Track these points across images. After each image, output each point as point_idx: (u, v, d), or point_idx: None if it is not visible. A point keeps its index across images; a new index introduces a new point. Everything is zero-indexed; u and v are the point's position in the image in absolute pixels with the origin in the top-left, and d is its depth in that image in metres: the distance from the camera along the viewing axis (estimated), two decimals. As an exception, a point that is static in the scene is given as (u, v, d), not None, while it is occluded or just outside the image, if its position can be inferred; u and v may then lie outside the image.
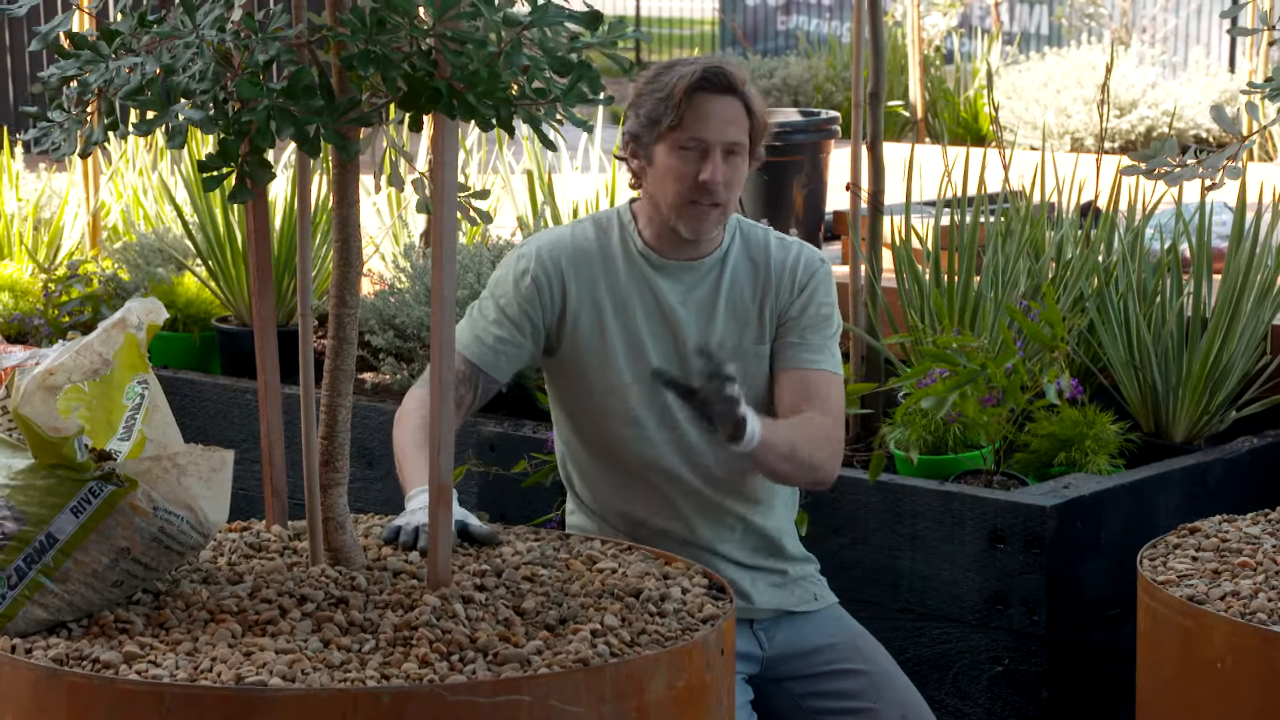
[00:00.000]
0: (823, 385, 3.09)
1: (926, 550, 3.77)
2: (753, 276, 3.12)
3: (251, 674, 2.23)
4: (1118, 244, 4.42)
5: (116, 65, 2.36)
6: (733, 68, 3.05)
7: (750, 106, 3.04)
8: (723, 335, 3.10)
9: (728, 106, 3.02)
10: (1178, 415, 4.20)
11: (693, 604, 2.55)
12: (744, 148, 3.05)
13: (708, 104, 3.01)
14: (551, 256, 3.10)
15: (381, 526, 2.82)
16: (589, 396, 3.11)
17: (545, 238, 3.15)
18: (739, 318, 3.11)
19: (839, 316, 3.16)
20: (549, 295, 3.09)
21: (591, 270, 3.10)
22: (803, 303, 3.11)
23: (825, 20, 17.84)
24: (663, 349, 3.10)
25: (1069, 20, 13.15)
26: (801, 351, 3.10)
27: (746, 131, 3.04)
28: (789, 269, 3.12)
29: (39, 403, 2.34)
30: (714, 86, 3.01)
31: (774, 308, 3.11)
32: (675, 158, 3.03)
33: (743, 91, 3.04)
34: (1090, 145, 9.72)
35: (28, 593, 2.36)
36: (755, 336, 3.11)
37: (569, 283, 3.10)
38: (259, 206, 2.68)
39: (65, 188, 6.29)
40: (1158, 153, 2.77)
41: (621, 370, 3.08)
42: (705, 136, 3.01)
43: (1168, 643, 2.76)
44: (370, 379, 4.83)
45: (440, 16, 2.27)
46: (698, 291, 3.11)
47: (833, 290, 3.15)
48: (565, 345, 3.11)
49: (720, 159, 3.02)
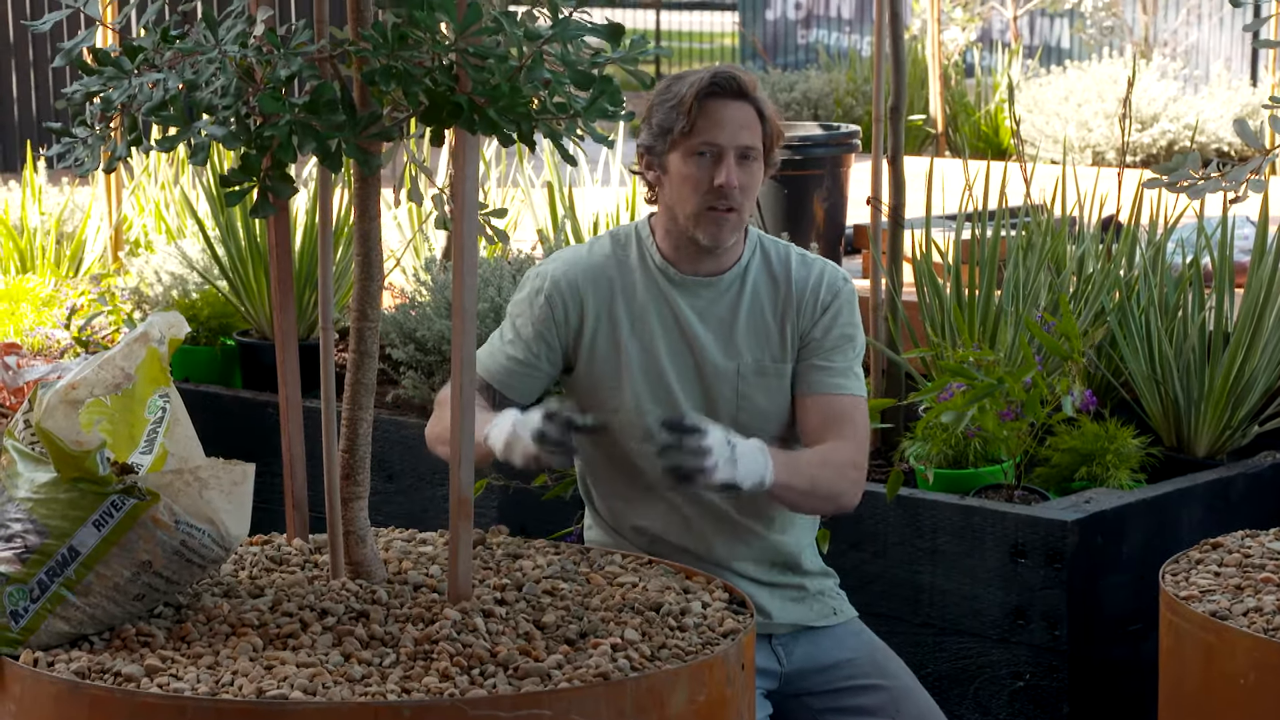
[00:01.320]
0: (847, 410, 3.06)
1: (947, 565, 3.77)
2: (774, 293, 3.11)
3: (273, 687, 2.23)
4: (1139, 258, 4.41)
5: (139, 81, 2.37)
6: (743, 73, 3.04)
7: (762, 111, 3.03)
8: (742, 352, 3.09)
9: (739, 111, 3.02)
10: (1200, 430, 4.18)
11: (713, 618, 2.54)
12: (758, 153, 3.04)
13: (719, 109, 3.01)
14: (567, 276, 3.10)
15: (403, 541, 2.82)
16: (606, 412, 3.10)
17: (561, 257, 3.15)
18: (759, 335, 3.10)
19: (863, 336, 3.13)
20: (564, 315, 3.09)
21: (609, 287, 3.10)
22: (826, 324, 3.09)
23: (845, 34, 17.85)
24: (680, 366, 3.09)
25: (1090, 34, 13.13)
26: (826, 376, 3.07)
27: (760, 137, 3.03)
28: (811, 288, 3.10)
29: (61, 417, 2.35)
30: (724, 91, 3.01)
31: (796, 326, 3.09)
32: (690, 164, 3.02)
33: (754, 96, 3.03)
34: (1112, 159, 9.71)
35: (50, 606, 2.37)
36: (776, 355, 3.10)
37: (586, 301, 3.09)
38: (280, 221, 2.69)
39: (88, 202, 6.32)
40: (1180, 166, 2.76)
41: (638, 388, 3.08)
42: (718, 141, 3.00)
43: (1190, 658, 2.75)
44: (391, 392, 4.83)
45: (462, 32, 2.27)
46: (717, 308, 3.10)
47: (856, 310, 3.13)
48: (582, 362, 3.10)
49: (734, 163, 3.01)
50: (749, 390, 3.07)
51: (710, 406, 3.08)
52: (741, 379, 3.07)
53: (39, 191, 6.30)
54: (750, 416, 3.08)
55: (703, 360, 3.08)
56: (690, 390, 3.08)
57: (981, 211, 4.50)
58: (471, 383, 2.47)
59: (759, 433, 3.08)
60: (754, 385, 3.07)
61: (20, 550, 2.37)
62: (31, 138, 9.16)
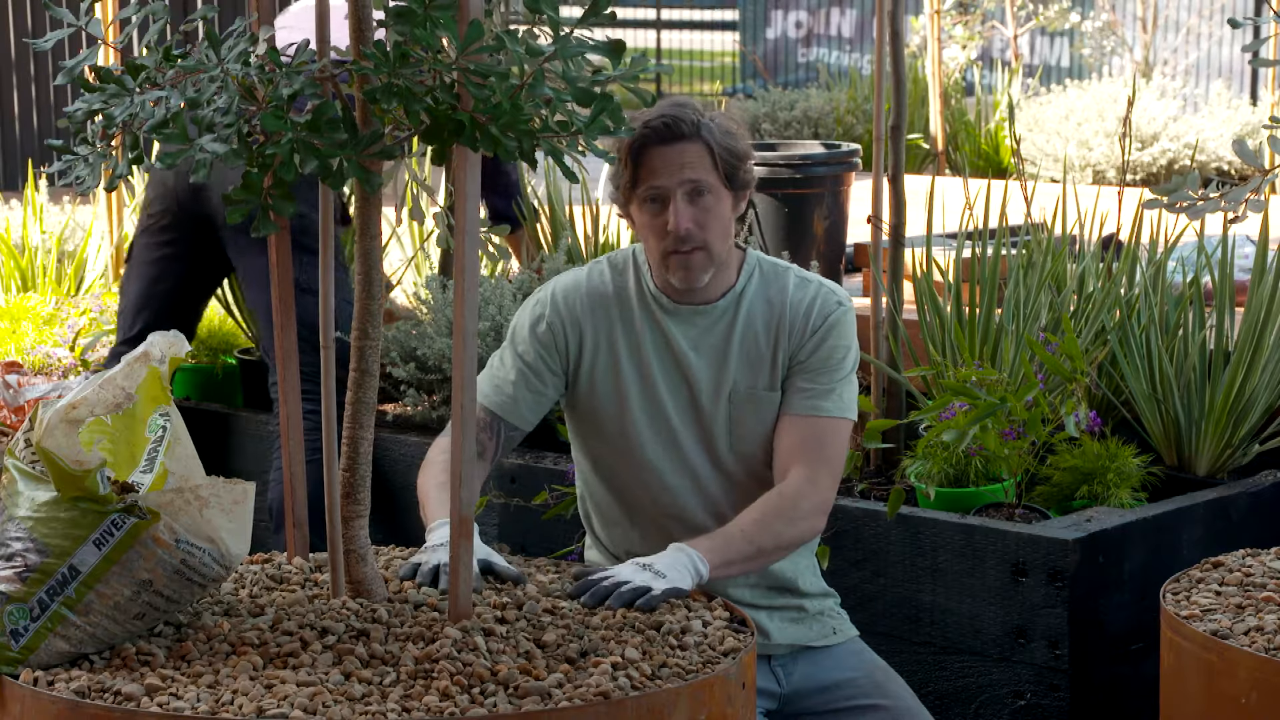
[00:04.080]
0: (822, 434, 3.03)
1: (948, 584, 3.76)
2: (768, 318, 3.08)
3: (273, 706, 2.23)
4: (1140, 277, 4.41)
5: (141, 99, 2.37)
6: (682, 112, 2.98)
7: (710, 142, 2.98)
8: (735, 379, 3.07)
9: (679, 152, 2.97)
10: (1200, 449, 4.18)
11: (714, 637, 2.54)
12: (710, 184, 2.98)
13: (656, 155, 2.98)
14: (567, 301, 3.10)
15: (403, 559, 2.82)
16: (605, 440, 3.10)
17: (561, 282, 3.14)
18: (752, 362, 3.07)
19: (856, 356, 3.09)
20: (564, 340, 3.09)
21: (608, 313, 3.10)
22: (813, 345, 3.06)
23: (846, 52, 17.88)
24: (675, 394, 3.08)
25: (1090, 53, 13.16)
26: (806, 397, 3.05)
27: (710, 168, 2.98)
28: (804, 311, 3.07)
29: (61, 436, 2.35)
30: (659, 138, 2.98)
31: (787, 350, 3.07)
32: (644, 213, 3.01)
33: (696, 135, 2.98)
34: (1112, 178, 9.71)
35: (50, 625, 2.37)
36: (767, 382, 3.07)
37: (584, 326, 3.09)
38: (281, 239, 2.69)
39: (89, 220, 6.32)
40: (1180, 186, 2.76)
41: (636, 415, 3.07)
42: (660, 183, 2.98)
43: (1191, 678, 2.74)
44: (392, 411, 4.83)
45: (464, 50, 2.28)
46: (710, 336, 3.08)
47: (849, 332, 3.09)
48: (582, 388, 3.10)
49: (684, 203, 2.97)
50: (742, 416, 3.07)
51: (705, 433, 3.08)
52: (734, 405, 3.07)
53: (40, 210, 6.30)
54: (744, 443, 3.07)
55: (696, 388, 3.07)
56: (685, 418, 3.07)
57: (982, 230, 4.50)
58: (472, 400, 2.47)
59: (754, 459, 3.07)
60: (747, 411, 3.07)
61: (20, 569, 2.37)
62: (33, 156, 9.17)
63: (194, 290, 4.78)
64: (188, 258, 4.67)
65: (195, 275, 4.73)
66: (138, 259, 4.72)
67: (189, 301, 4.78)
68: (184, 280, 4.71)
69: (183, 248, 4.66)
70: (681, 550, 2.80)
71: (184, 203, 4.59)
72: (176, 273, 4.69)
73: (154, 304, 4.69)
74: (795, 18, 18.38)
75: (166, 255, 4.66)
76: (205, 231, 4.60)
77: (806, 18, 18.30)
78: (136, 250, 4.74)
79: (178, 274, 4.69)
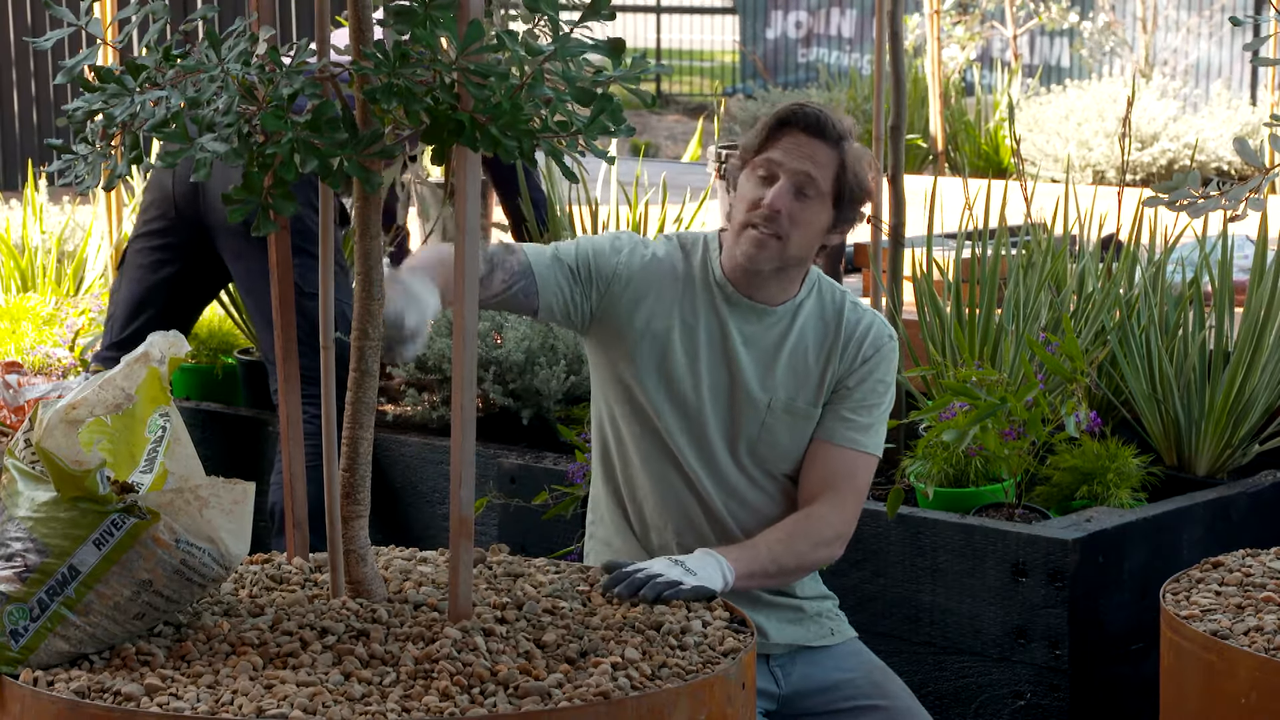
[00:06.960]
0: (853, 467, 3.07)
1: (948, 584, 3.76)
2: (821, 337, 3.09)
3: (273, 707, 2.23)
4: (1139, 277, 4.41)
5: (141, 99, 2.37)
6: (837, 119, 3.00)
7: (844, 158, 2.99)
8: (777, 387, 3.06)
9: (813, 146, 2.98)
10: (1200, 449, 4.18)
11: (714, 637, 2.54)
12: (822, 191, 2.99)
13: (791, 137, 2.99)
14: (642, 260, 3.07)
15: (403, 560, 2.82)
16: (634, 407, 3.07)
17: (641, 241, 3.11)
18: (798, 374, 3.08)
19: (894, 392, 3.12)
20: (622, 286, 3.04)
21: (672, 288, 3.07)
22: (861, 375, 3.07)
23: (846, 52, 17.88)
24: (715, 384, 3.05)
25: (1088, 54, 13.16)
26: (845, 428, 3.07)
27: (830, 179, 2.99)
28: (856, 338, 3.09)
29: (61, 436, 2.35)
30: (802, 123, 2.99)
31: (836, 372, 3.08)
32: (750, 181, 3.01)
33: (837, 141, 2.99)
34: (1112, 178, 9.72)
35: (50, 625, 2.37)
36: (811, 398, 3.08)
37: (646, 293, 3.06)
38: (281, 238, 2.69)
39: (89, 220, 6.32)
40: (1180, 185, 2.76)
41: (675, 389, 3.04)
42: (780, 161, 2.98)
43: (1191, 678, 2.74)
44: (391, 411, 4.83)
45: (464, 50, 2.28)
46: (764, 338, 3.07)
47: (894, 367, 3.10)
48: (629, 345, 3.05)
49: (788, 189, 2.98)
50: (774, 424, 3.07)
51: (733, 430, 3.07)
52: (770, 412, 3.07)
53: (40, 210, 6.30)
54: (769, 450, 3.08)
55: (737, 385, 3.07)
56: (718, 409, 3.07)
57: (982, 230, 4.51)
58: (472, 400, 2.47)
59: (773, 467, 3.08)
60: (781, 421, 3.07)
61: (20, 569, 2.37)
62: (33, 156, 9.17)
63: (187, 297, 4.77)
64: (182, 265, 4.66)
65: (189, 282, 4.72)
66: (131, 263, 4.70)
67: (181, 309, 4.76)
68: (177, 287, 4.70)
69: (178, 254, 4.65)
70: (710, 555, 2.83)
71: (182, 209, 4.58)
72: (170, 279, 4.67)
73: (146, 310, 4.67)
74: (795, 18, 18.39)
75: (160, 261, 4.65)
76: (201, 239, 4.59)
77: (806, 18, 18.32)
78: (130, 255, 4.72)
79: (171, 280, 4.67)
